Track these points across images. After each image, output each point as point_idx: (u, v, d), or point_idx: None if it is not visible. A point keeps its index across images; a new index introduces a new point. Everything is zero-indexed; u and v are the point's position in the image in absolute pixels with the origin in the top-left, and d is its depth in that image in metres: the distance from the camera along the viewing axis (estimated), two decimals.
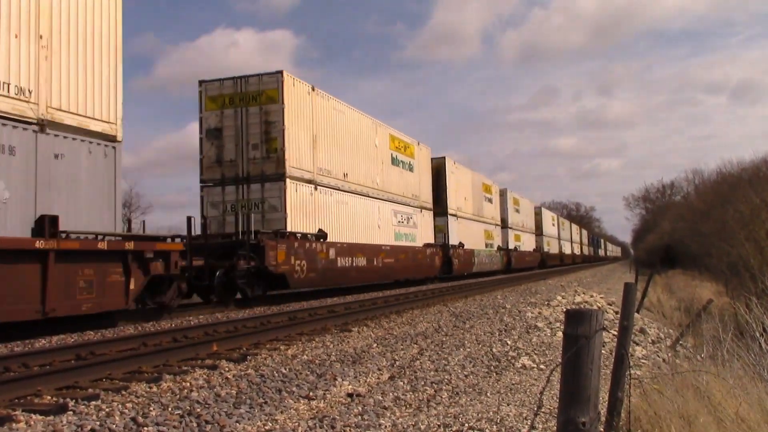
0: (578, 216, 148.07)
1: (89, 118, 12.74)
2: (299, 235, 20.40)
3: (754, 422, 4.90)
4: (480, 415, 6.33)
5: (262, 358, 9.16)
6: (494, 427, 5.99)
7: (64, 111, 12.16)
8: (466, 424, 5.99)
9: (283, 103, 19.98)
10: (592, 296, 19.31)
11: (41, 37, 11.69)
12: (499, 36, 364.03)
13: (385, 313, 15.29)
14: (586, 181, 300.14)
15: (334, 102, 23.89)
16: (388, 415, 6.27)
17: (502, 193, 52.23)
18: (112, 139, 13.23)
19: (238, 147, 20.41)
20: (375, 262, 25.64)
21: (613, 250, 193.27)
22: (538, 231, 67.03)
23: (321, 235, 21.69)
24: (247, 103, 20.32)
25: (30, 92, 11.39)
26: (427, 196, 33.53)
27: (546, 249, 69.37)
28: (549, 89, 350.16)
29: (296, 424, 5.87)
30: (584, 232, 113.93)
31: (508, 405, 6.80)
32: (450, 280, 34.14)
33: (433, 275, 33.07)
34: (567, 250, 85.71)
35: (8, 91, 11.02)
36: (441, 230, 35.90)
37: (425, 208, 33.02)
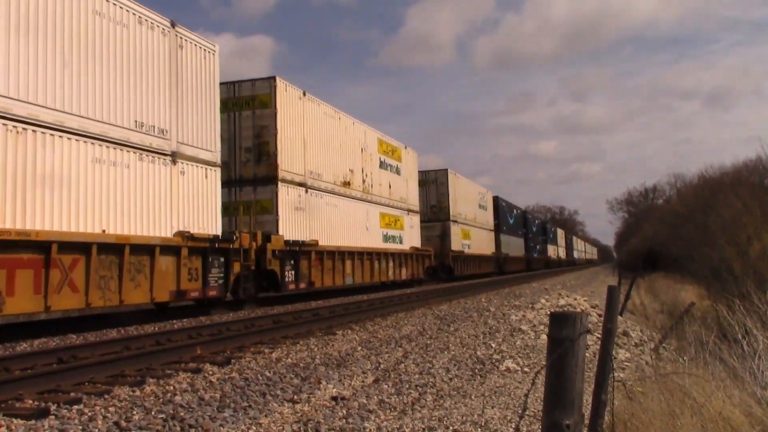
0: (562, 220, 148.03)
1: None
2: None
3: (738, 424, 4.93)
4: (464, 418, 6.33)
5: (246, 361, 9.12)
6: (479, 430, 6.00)
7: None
8: (451, 427, 6.00)
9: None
10: (575, 299, 19.36)
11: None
12: (473, 42, 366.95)
13: (369, 317, 15.28)
14: (566, 185, 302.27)
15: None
16: (373, 418, 6.26)
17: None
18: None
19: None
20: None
21: (589, 252, 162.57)
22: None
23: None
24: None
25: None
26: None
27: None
28: (525, 95, 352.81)
29: (281, 427, 5.85)
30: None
31: (492, 408, 6.81)
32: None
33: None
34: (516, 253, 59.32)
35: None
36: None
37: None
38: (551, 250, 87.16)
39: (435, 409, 6.68)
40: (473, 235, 44.63)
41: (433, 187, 39.11)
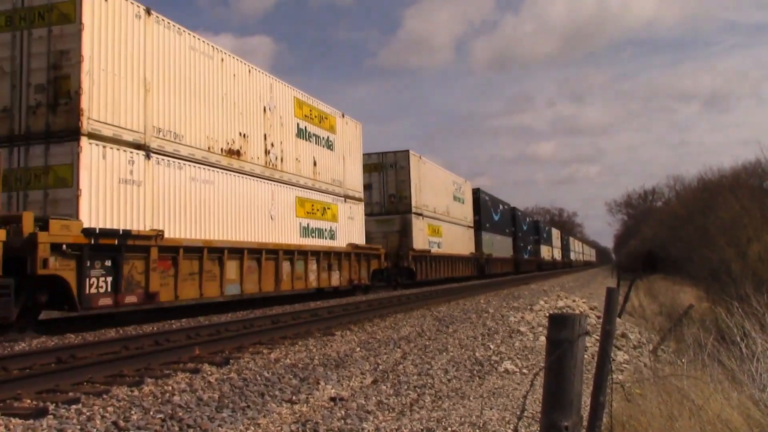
0: (561, 221, 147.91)
1: None
2: None
3: (736, 426, 4.94)
4: (463, 419, 6.34)
5: (244, 361, 9.11)
6: (477, 431, 6.00)
7: None
8: (449, 428, 6.00)
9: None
10: (574, 301, 19.38)
11: None
12: (471, 44, 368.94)
13: (368, 317, 15.27)
14: (564, 186, 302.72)
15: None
16: (371, 419, 6.26)
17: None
18: None
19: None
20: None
21: (587, 253, 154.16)
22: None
23: None
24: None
25: None
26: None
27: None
28: (523, 96, 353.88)
29: (279, 428, 5.85)
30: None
31: (490, 409, 6.82)
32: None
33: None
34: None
35: None
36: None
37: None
38: (545, 251, 79.27)
39: (433, 410, 6.68)
40: (445, 231, 37.00)
41: (392, 172, 31.53)
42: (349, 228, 24.98)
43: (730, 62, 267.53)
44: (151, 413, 6.07)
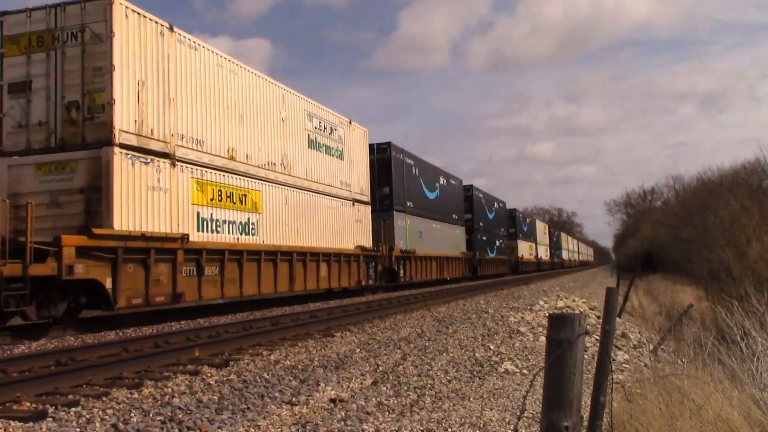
0: (560, 221, 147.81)
1: None
2: None
3: (736, 426, 4.93)
4: (463, 420, 6.33)
5: (244, 363, 9.10)
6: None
7: None
8: (449, 429, 5.99)
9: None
10: (574, 301, 19.40)
11: None
12: (468, 45, 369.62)
13: (368, 318, 15.26)
14: (563, 186, 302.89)
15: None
16: (371, 420, 6.25)
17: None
18: None
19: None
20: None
21: (583, 253, 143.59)
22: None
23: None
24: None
25: None
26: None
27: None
28: (520, 97, 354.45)
29: (279, 429, 5.84)
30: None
31: (491, 410, 6.81)
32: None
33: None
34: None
35: None
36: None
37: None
38: (524, 249, 62.97)
39: (433, 411, 6.67)
40: (278, 203, 19.48)
41: (74, 50, 13.67)
42: None
43: (727, 62, 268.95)
44: (151, 415, 6.06)
